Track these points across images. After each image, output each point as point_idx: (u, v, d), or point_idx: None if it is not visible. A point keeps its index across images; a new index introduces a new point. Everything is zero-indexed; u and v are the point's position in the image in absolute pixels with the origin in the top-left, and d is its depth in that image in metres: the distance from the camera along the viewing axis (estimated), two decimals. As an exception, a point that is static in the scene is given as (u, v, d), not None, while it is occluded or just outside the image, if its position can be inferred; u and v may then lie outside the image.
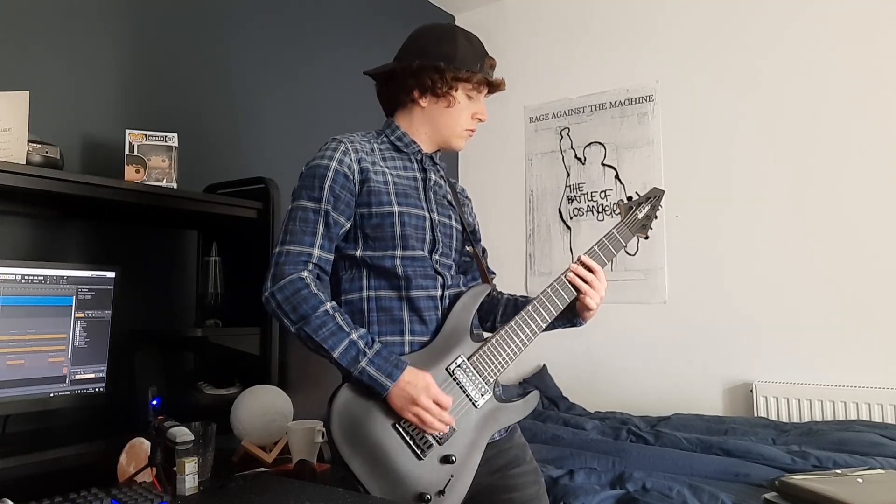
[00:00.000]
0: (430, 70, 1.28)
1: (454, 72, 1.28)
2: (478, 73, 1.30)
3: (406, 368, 1.15)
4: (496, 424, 1.25)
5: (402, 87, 1.32)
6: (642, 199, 1.49)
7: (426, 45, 1.32)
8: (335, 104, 2.87)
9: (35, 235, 1.81)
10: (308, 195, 1.23)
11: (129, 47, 2.09)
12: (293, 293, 1.16)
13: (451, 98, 1.30)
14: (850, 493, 1.35)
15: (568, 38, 3.35)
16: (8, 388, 1.48)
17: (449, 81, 1.28)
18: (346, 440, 1.15)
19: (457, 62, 1.28)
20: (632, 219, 1.45)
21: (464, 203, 1.48)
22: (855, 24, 2.63)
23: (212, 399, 1.91)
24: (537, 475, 1.35)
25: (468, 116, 1.34)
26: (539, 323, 1.29)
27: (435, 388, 1.15)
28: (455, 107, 1.31)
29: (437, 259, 1.28)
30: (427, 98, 1.31)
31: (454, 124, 1.33)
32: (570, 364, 3.14)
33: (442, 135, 1.34)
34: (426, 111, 1.32)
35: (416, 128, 1.34)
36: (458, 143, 1.37)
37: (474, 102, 1.34)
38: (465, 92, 1.31)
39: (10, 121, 1.48)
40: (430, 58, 1.28)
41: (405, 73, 1.31)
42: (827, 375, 2.57)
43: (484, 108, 1.36)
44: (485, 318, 1.46)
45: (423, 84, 1.29)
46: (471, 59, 1.30)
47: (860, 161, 2.58)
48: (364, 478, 1.14)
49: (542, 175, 3.39)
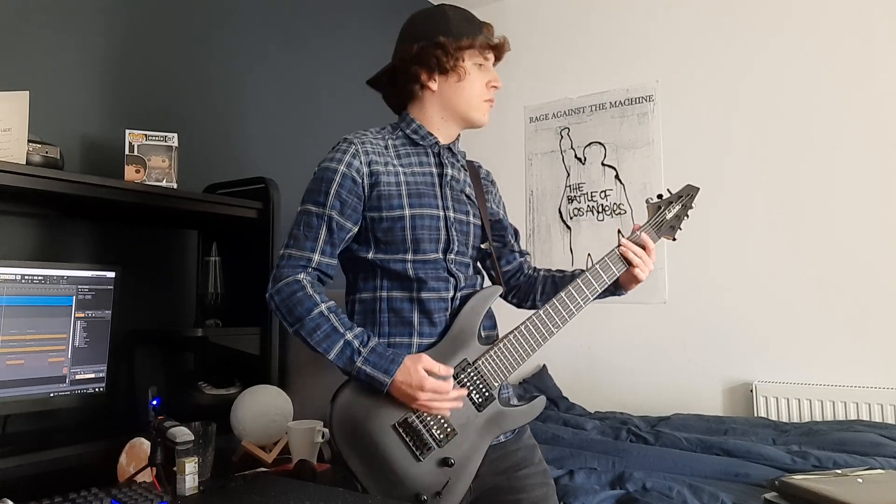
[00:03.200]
0: (432, 47, 1.26)
1: (456, 42, 1.25)
2: (479, 36, 1.28)
3: (402, 362, 1.15)
4: (499, 429, 1.24)
5: (407, 78, 1.30)
6: (673, 198, 1.39)
7: (419, 28, 1.30)
8: (335, 104, 2.87)
9: (35, 235, 1.81)
10: (314, 200, 1.23)
11: (129, 47, 2.09)
12: (289, 295, 1.17)
13: (460, 70, 1.27)
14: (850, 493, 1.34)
15: (568, 38, 3.35)
16: (8, 388, 1.48)
17: (454, 53, 1.25)
18: (346, 439, 1.16)
19: (455, 33, 1.26)
20: (659, 219, 1.37)
21: (487, 190, 1.44)
22: (855, 24, 2.63)
23: (212, 399, 1.91)
24: (546, 477, 1.32)
25: (482, 85, 1.30)
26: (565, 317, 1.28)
27: (429, 361, 1.15)
28: (466, 78, 1.28)
29: (451, 259, 1.27)
30: (436, 78, 1.28)
31: (470, 96, 1.30)
32: (570, 364, 3.14)
33: (459, 112, 1.31)
34: (438, 93, 1.30)
35: (431, 116, 1.31)
36: (478, 117, 1.32)
37: (485, 71, 1.31)
38: (473, 61, 1.28)
39: (10, 121, 1.48)
40: (429, 37, 1.26)
41: (408, 62, 1.29)
42: (827, 375, 2.58)
43: (496, 75, 1.32)
44: (524, 299, 1.47)
45: (429, 64, 1.27)
46: (468, 28, 1.28)
47: (861, 161, 2.58)
48: (362, 476, 1.14)
49: (542, 175, 3.39)
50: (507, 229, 1.48)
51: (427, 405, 1.14)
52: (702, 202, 2.90)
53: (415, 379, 1.13)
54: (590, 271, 1.31)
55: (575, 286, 1.29)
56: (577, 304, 1.29)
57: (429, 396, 1.13)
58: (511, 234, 1.49)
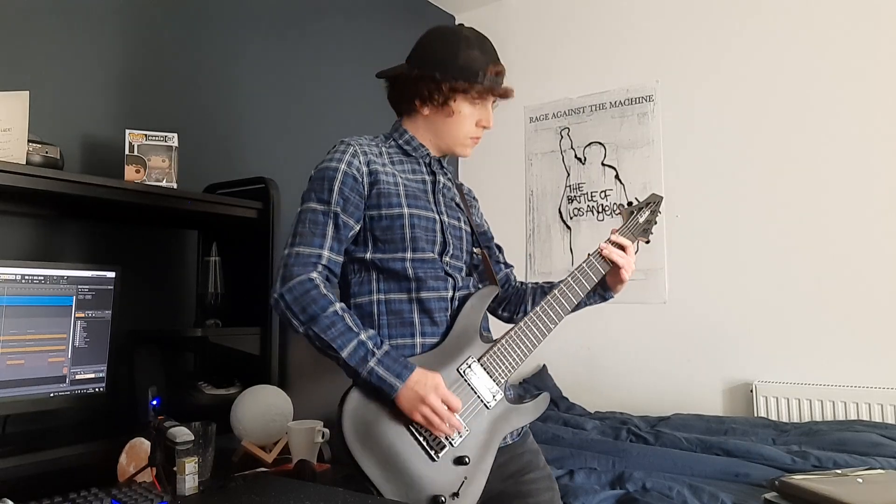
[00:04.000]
0: (428, 80, 1.25)
1: (451, 82, 1.24)
2: (477, 83, 1.25)
3: (415, 369, 1.14)
4: (508, 426, 1.24)
5: (403, 96, 1.32)
6: (642, 205, 1.49)
7: (427, 52, 1.29)
8: (335, 104, 2.87)
9: (35, 235, 1.81)
10: (317, 197, 1.22)
11: (129, 47, 2.09)
12: (302, 294, 1.15)
13: (449, 108, 1.27)
14: (850, 493, 1.34)
15: (568, 38, 3.35)
16: (8, 388, 1.48)
17: (445, 92, 1.25)
18: (359, 442, 1.13)
19: (454, 72, 1.24)
20: (633, 223, 1.45)
21: (471, 205, 1.48)
22: (855, 24, 2.63)
23: (212, 399, 1.91)
24: (551, 481, 1.33)
25: (471, 125, 1.30)
26: (560, 313, 1.30)
27: (444, 389, 1.14)
28: (455, 117, 1.28)
29: (447, 261, 1.28)
30: (427, 107, 1.29)
31: (456, 133, 1.30)
32: (570, 364, 3.14)
33: (445, 143, 1.33)
34: (428, 119, 1.31)
35: (422, 134, 1.33)
36: (462, 151, 1.34)
37: (479, 110, 1.29)
38: (467, 101, 1.27)
39: (10, 121, 1.48)
40: (428, 67, 1.26)
41: (406, 82, 1.29)
42: (827, 375, 2.57)
43: (489, 116, 1.31)
44: (514, 311, 1.48)
45: (421, 94, 1.27)
46: (471, 69, 1.24)
47: (861, 161, 2.58)
48: (377, 480, 1.12)
49: (542, 175, 3.39)
50: (492, 241, 1.51)
51: (427, 418, 1.12)
52: (702, 202, 2.93)
53: (429, 387, 1.12)
54: (585, 262, 1.36)
55: (573, 277, 1.33)
56: (577, 294, 1.33)
57: (431, 412, 1.12)
58: (495, 246, 1.52)
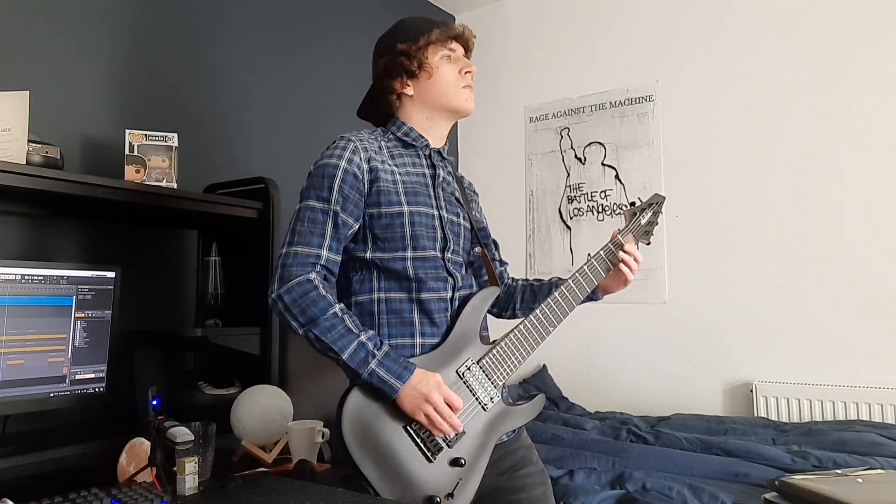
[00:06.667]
0: (395, 56, 1.30)
1: (414, 44, 1.29)
2: (434, 31, 1.30)
3: (416, 370, 1.15)
4: (503, 428, 1.25)
5: (384, 93, 1.35)
6: (644, 206, 1.48)
7: (382, 45, 1.36)
8: (335, 104, 2.87)
9: (35, 235, 1.81)
10: (317, 195, 1.21)
11: (128, 47, 2.09)
12: (301, 295, 1.14)
13: (428, 68, 1.30)
14: (850, 493, 1.34)
15: (568, 38, 3.35)
16: (8, 388, 1.48)
17: (414, 53, 1.29)
18: (358, 443, 1.13)
19: (412, 37, 1.30)
20: (636, 224, 1.45)
21: (471, 199, 1.47)
22: (856, 24, 2.63)
23: (212, 399, 1.91)
24: (544, 476, 1.35)
25: (455, 74, 1.32)
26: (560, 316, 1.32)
27: (446, 388, 1.15)
28: (436, 73, 1.31)
29: (448, 258, 1.28)
30: (409, 83, 1.32)
31: (446, 87, 1.32)
32: (570, 364, 3.14)
33: (441, 104, 1.33)
34: (416, 96, 1.33)
35: (418, 119, 1.34)
36: (460, 104, 1.34)
37: (455, 61, 1.34)
38: (439, 55, 1.31)
39: (10, 121, 1.48)
40: (390, 49, 1.32)
41: (380, 79, 1.34)
42: (827, 375, 2.57)
43: (468, 61, 1.35)
44: (503, 308, 1.49)
45: (397, 73, 1.31)
46: (423, 28, 1.31)
47: (862, 161, 2.58)
48: (375, 480, 1.12)
49: (542, 175, 3.39)
50: (490, 238, 1.51)
51: (429, 416, 1.13)
52: (702, 202, 2.93)
53: (432, 385, 1.13)
54: (586, 265, 1.36)
55: (574, 280, 1.34)
56: (577, 297, 1.34)
57: (433, 411, 1.13)
58: (492, 243, 1.52)
